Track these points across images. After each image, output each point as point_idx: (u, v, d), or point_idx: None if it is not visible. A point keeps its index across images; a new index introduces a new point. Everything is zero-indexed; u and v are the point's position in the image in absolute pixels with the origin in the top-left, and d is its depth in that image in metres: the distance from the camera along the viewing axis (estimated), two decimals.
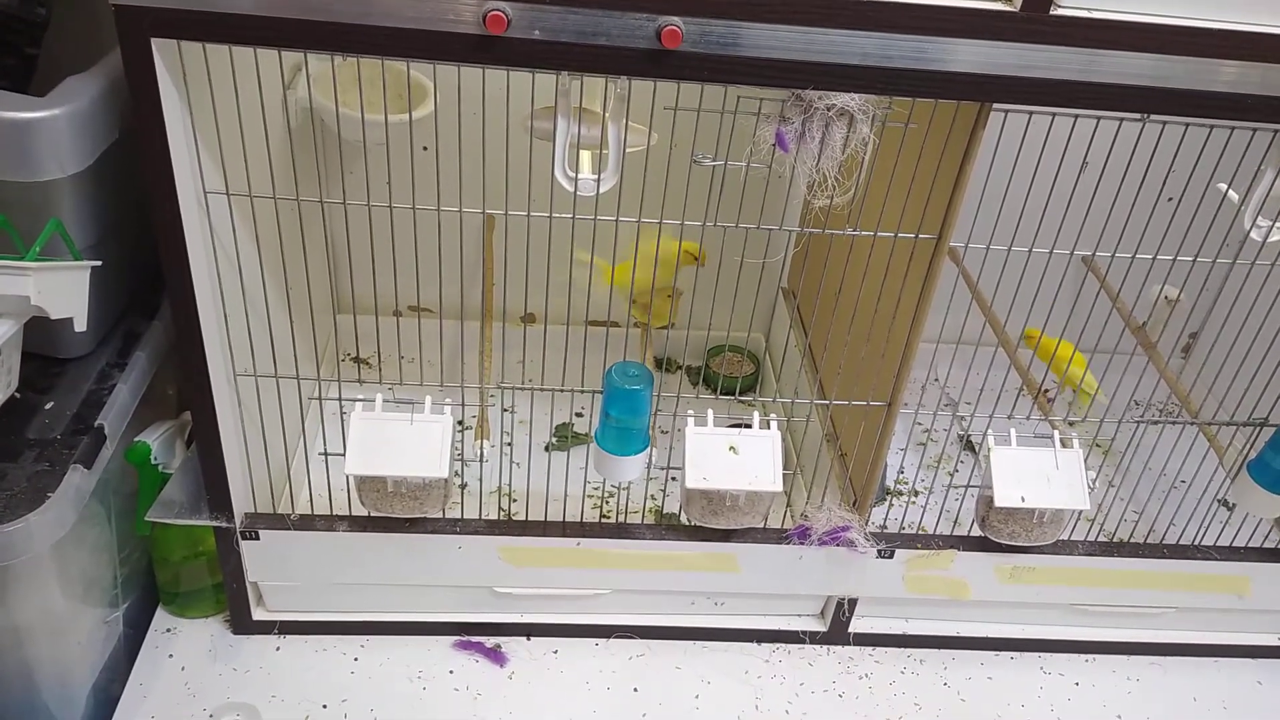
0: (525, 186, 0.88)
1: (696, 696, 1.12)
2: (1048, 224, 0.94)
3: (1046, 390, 1.22)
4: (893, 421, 1.04)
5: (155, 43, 0.77)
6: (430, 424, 1.00)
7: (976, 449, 1.41)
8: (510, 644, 1.14)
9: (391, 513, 1.03)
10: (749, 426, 1.03)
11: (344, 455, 0.98)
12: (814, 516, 1.08)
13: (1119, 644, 1.21)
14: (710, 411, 1.03)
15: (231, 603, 1.10)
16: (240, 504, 1.03)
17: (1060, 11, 0.78)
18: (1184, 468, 1.16)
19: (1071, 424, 1.10)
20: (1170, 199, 0.95)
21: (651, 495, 1.28)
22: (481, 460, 1.04)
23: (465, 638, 1.14)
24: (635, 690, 1.11)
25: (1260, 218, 0.95)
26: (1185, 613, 1.20)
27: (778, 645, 1.18)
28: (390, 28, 0.76)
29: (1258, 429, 1.10)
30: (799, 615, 1.19)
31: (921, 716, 1.12)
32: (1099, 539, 1.14)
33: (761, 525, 1.09)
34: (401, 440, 0.99)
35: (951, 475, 1.36)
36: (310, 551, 1.06)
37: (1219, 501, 1.17)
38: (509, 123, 0.85)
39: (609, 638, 1.16)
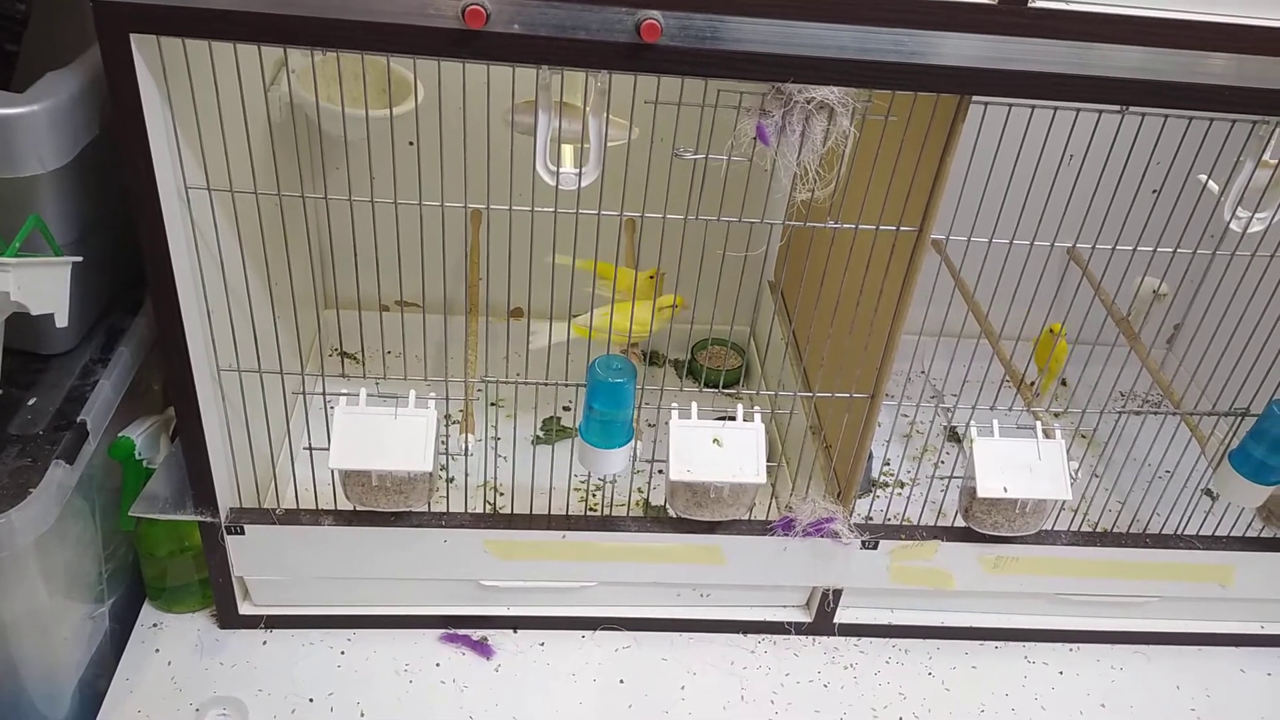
0: (508, 181, 0.88)
1: (682, 687, 1.12)
2: (1030, 216, 0.94)
3: (1031, 384, 1.23)
4: (876, 413, 1.04)
5: (134, 38, 0.76)
6: (414, 418, 1.00)
7: (961, 440, 1.41)
8: (497, 636, 1.15)
9: (377, 507, 1.03)
10: (734, 419, 1.04)
11: (329, 450, 0.99)
12: (799, 508, 1.09)
13: (1103, 633, 1.22)
14: (695, 404, 1.04)
15: (218, 597, 1.11)
16: (225, 499, 1.03)
17: (1038, 4, 0.79)
18: (1166, 457, 1.17)
19: (1055, 415, 1.11)
20: (1153, 190, 0.95)
21: (637, 488, 1.28)
22: (467, 454, 1.04)
23: (452, 631, 1.14)
24: (622, 682, 1.12)
25: (1239, 208, 0.95)
26: (1168, 602, 1.21)
27: (763, 636, 1.19)
28: (369, 22, 0.76)
29: (1239, 419, 1.11)
30: (784, 606, 1.20)
31: (906, 706, 1.13)
32: (1082, 529, 1.15)
33: (746, 517, 1.09)
34: (386, 434, 0.99)
35: (936, 466, 1.37)
36: (296, 546, 1.06)
37: (1202, 491, 1.18)
38: (490, 117, 0.85)
39: (595, 630, 1.17)
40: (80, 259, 0.91)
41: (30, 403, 0.97)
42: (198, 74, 0.82)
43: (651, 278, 1.22)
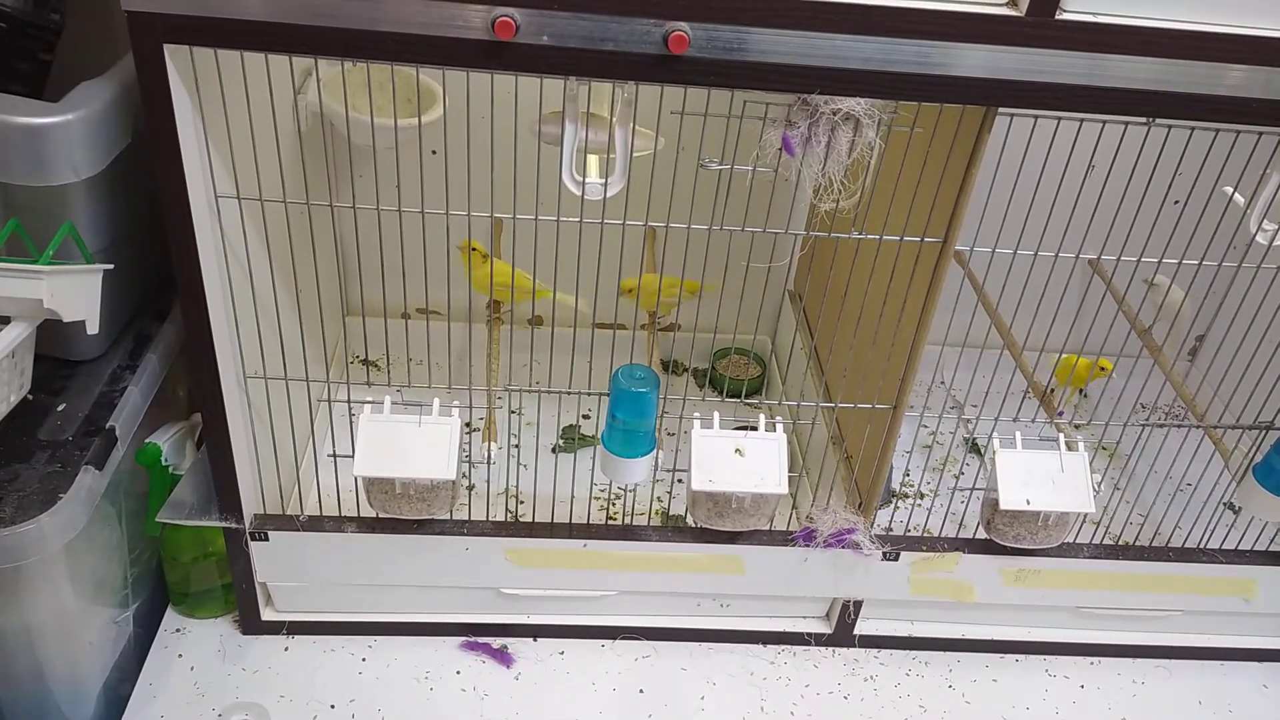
0: (533, 190, 0.89)
1: (702, 698, 1.12)
2: (1053, 227, 0.94)
3: (1052, 391, 1.23)
4: (898, 424, 1.04)
5: (167, 48, 0.77)
6: (438, 426, 1.00)
7: (982, 452, 1.41)
8: (517, 645, 1.15)
9: (399, 514, 1.04)
10: (755, 429, 1.04)
11: (352, 457, 0.99)
12: (819, 519, 1.09)
13: (1124, 647, 1.21)
14: (716, 414, 1.04)
15: (241, 603, 1.11)
16: (250, 505, 1.04)
17: (1066, 16, 0.79)
18: (1189, 471, 1.17)
19: (1077, 427, 1.10)
20: (1176, 202, 0.95)
21: (658, 497, 1.28)
22: (489, 462, 1.05)
23: (472, 638, 1.15)
24: (641, 691, 1.12)
25: (1266, 221, 0.95)
26: (1191, 616, 1.20)
27: (783, 647, 1.19)
28: (400, 34, 0.77)
29: (1263, 432, 1.10)
30: (804, 617, 1.19)
31: (927, 719, 1.12)
32: (1104, 542, 1.14)
33: (767, 527, 1.09)
34: (409, 442, 1.00)
35: (957, 478, 1.37)
36: (319, 552, 1.07)
37: (1225, 505, 1.17)
38: (517, 127, 0.85)
39: (615, 639, 1.17)
40: (111, 266, 0.92)
41: (60, 408, 0.98)
42: (229, 84, 0.83)
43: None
